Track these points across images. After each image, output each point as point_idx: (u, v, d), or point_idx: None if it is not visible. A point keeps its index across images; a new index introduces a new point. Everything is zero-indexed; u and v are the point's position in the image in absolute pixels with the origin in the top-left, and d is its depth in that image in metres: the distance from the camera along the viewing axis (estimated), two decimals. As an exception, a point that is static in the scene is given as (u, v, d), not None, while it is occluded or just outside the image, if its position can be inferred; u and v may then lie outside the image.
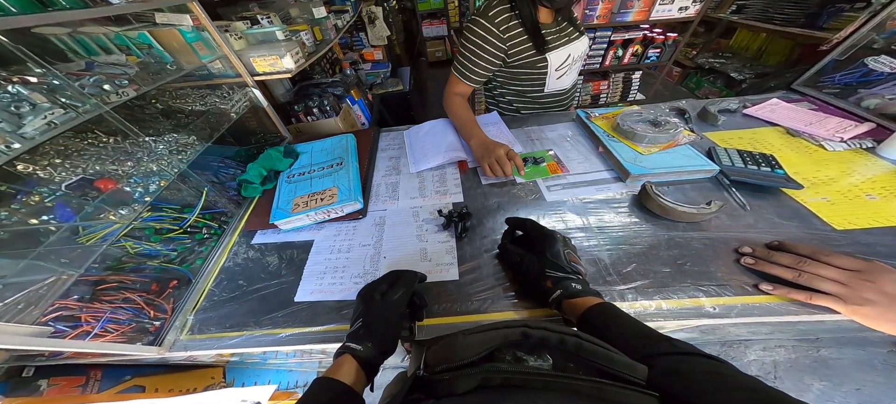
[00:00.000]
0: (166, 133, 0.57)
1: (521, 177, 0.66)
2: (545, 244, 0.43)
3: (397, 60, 2.50)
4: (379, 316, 0.38)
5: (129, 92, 0.51)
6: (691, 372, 0.25)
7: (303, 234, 0.61)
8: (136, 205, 0.48)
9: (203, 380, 0.72)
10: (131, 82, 0.52)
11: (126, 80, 0.51)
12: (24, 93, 0.42)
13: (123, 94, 0.50)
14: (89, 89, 0.47)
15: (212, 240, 0.59)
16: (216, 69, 0.78)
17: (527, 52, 0.73)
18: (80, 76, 0.48)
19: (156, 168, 0.51)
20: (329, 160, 0.72)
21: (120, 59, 0.56)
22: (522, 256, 0.45)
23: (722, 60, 2.23)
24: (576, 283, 0.39)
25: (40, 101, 0.42)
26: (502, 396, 0.21)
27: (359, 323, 0.37)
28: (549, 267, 0.41)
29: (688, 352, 0.27)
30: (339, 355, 0.35)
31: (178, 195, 0.56)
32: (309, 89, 1.25)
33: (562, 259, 0.41)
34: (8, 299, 0.37)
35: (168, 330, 0.48)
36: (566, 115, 0.86)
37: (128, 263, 0.51)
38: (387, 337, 0.37)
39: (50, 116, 0.42)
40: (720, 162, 0.60)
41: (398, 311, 0.39)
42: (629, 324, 0.33)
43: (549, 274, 0.40)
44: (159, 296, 0.50)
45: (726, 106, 0.78)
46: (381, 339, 0.36)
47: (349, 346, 0.35)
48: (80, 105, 0.45)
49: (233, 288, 0.53)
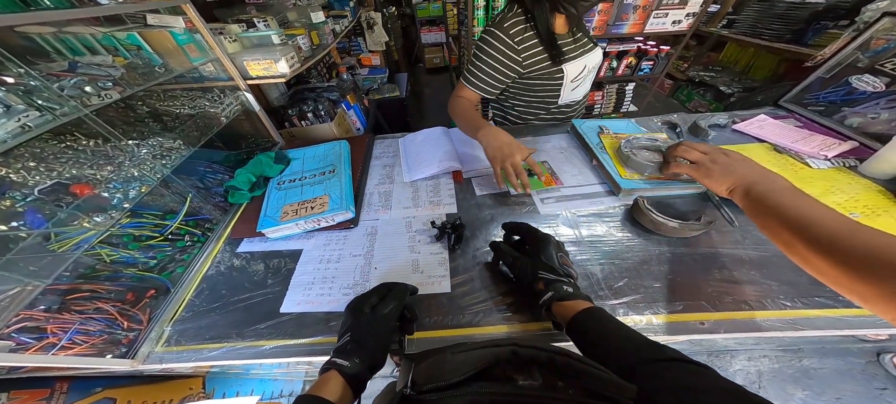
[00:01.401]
0: (151, 137, 0.55)
1: (527, 192, 0.62)
2: (539, 247, 0.43)
3: (395, 66, 2.51)
4: (368, 331, 0.37)
5: (112, 94, 0.49)
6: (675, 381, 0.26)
7: (291, 243, 0.59)
8: (114, 211, 0.46)
9: (180, 391, 0.69)
10: (116, 84, 0.51)
11: (110, 82, 0.50)
12: None
13: (106, 96, 0.48)
14: (69, 91, 0.45)
15: (194, 248, 0.57)
16: (208, 72, 0.76)
17: (542, 63, 0.72)
18: (61, 77, 0.47)
19: (137, 173, 0.49)
20: (321, 167, 0.71)
21: (106, 61, 0.54)
22: (516, 258, 0.45)
23: (712, 74, 2.30)
24: (567, 287, 0.39)
25: (15, 102, 0.40)
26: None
27: (347, 338, 0.36)
28: (542, 268, 0.41)
29: (673, 359, 0.28)
30: (324, 370, 0.34)
31: (160, 201, 0.55)
32: (304, 93, 1.24)
33: (555, 262, 0.42)
34: None
35: (142, 342, 0.46)
36: (561, 127, 0.87)
37: (103, 271, 0.48)
38: (376, 351, 0.37)
39: (24, 119, 0.40)
40: (710, 177, 0.61)
41: (388, 326, 0.38)
42: (616, 329, 0.34)
43: (541, 275, 0.41)
44: (135, 306, 0.48)
45: (716, 121, 0.80)
46: (370, 354, 0.36)
47: (335, 362, 0.34)
48: (58, 107, 0.43)
49: (215, 297, 0.52)
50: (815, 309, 0.43)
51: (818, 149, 0.66)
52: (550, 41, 0.69)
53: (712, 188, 0.46)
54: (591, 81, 0.85)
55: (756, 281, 0.46)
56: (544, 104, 0.83)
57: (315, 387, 0.33)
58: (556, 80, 0.76)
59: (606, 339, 0.33)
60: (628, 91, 2.10)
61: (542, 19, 0.67)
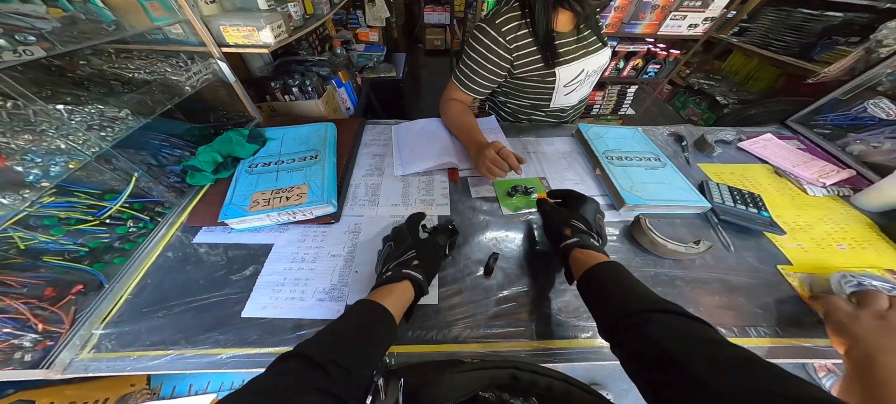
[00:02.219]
0: (90, 103, 0.45)
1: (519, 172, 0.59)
2: (581, 202, 0.46)
3: (393, 45, 2.35)
4: (432, 254, 0.42)
5: (34, 50, 0.38)
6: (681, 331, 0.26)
7: (260, 236, 0.52)
8: (29, 190, 0.37)
9: (118, 388, 0.58)
10: (43, 39, 0.40)
11: (33, 37, 0.39)
12: None
13: (25, 52, 0.38)
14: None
15: (139, 236, 0.49)
16: (175, 34, 0.64)
17: (535, 64, 0.66)
18: None
19: (64, 145, 0.40)
20: (303, 151, 0.63)
21: (37, 10, 0.42)
22: (554, 207, 0.48)
23: (711, 82, 2.31)
24: (594, 240, 0.41)
25: None
26: None
27: (412, 255, 0.40)
28: (576, 218, 0.43)
29: (682, 313, 0.28)
30: (392, 280, 0.37)
31: (98, 178, 0.45)
32: (291, 65, 1.11)
33: (591, 217, 0.44)
34: None
35: (62, 348, 0.38)
36: (565, 129, 0.82)
37: (15, 260, 0.40)
38: (432, 275, 0.41)
39: None
40: (712, 198, 0.59)
41: (441, 256, 0.44)
42: (632, 284, 0.33)
43: (573, 224, 0.43)
44: (56, 303, 0.40)
45: (723, 136, 0.78)
46: (427, 274, 0.39)
47: (411, 275, 0.37)
48: None
49: (161, 296, 0.44)
50: (790, 338, 0.42)
51: (817, 176, 0.65)
52: (546, 41, 0.63)
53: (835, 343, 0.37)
54: (591, 85, 0.79)
55: (741, 307, 0.45)
56: (535, 107, 0.79)
57: (387, 293, 0.35)
58: (547, 84, 0.70)
59: (613, 290, 0.33)
60: (629, 93, 2.08)
61: (541, 16, 0.60)
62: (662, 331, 0.26)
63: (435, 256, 0.42)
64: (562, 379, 0.27)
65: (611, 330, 0.31)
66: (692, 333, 0.26)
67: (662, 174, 0.63)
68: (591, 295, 0.35)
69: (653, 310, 0.28)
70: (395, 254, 0.41)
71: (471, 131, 0.67)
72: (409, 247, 0.41)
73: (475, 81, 0.68)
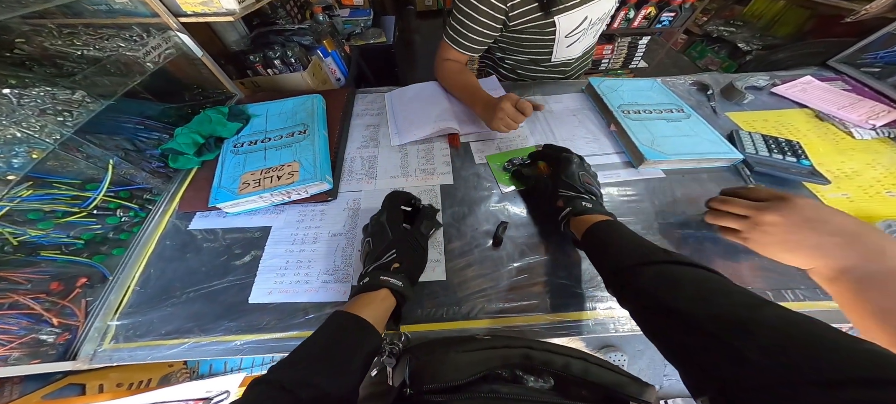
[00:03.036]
0: (36, 85, 0.40)
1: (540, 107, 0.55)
2: (561, 166, 0.43)
3: (381, 7, 2.15)
4: (412, 249, 0.38)
5: None
6: (682, 277, 0.26)
7: (256, 219, 0.50)
8: (-5, 183, 0.34)
9: (160, 369, 0.63)
10: None
11: None
12: None
13: None
14: None
15: (133, 226, 0.47)
16: (119, 4, 0.56)
17: (531, 14, 0.58)
18: None
19: (20, 134, 0.36)
20: (289, 127, 0.58)
21: None
22: (537, 178, 0.46)
23: (731, 29, 2.10)
24: (586, 202, 0.39)
25: None
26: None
27: (393, 256, 0.36)
28: (562, 187, 0.41)
29: (682, 262, 0.27)
30: (368, 289, 0.33)
31: (74, 167, 0.42)
32: (269, 36, 1.02)
33: (576, 179, 0.41)
34: None
35: (82, 340, 0.38)
36: (573, 85, 0.74)
37: (12, 256, 0.38)
38: (416, 272, 0.38)
39: None
40: (744, 148, 0.53)
41: (426, 247, 0.40)
42: (630, 237, 0.33)
43: (561, 194, 0.41)
44: (65, 297, 0.39)
45: (754, 82, 0.69)
46: (410, 273, 0.36)
47: (389, 282, 0.33)
48: None
49: (166, 285, 0.43)
50: (831, 302, 0.38)
51: (866, 118, 0.58)
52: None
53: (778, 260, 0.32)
54: (595, 35, 0.70)
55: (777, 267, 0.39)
56: (535, 62, 0.71)
57: (365, 303, 0.32)
58: (546, 35, 0.63)
59: (614, 244, 0.33)
60: (641, 45, 1.91)
61: None
62: (655, 283, 0.26)
63: (419, 252, 0.38)
64: (579, 356, 0.26)
65: (613, 287, 0.31)
66: (683, 277, 0.26)
67: (687, 126, 0.57)
68: (594, 256, 0.36)
69: (645, 263, 0.28)
70: (375, 252, 0.36)
71: (474, 90, 0.61)
72: (389, 246, 0.36)
73: (468, 38, 0.61)
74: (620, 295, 0.30)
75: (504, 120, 0.53)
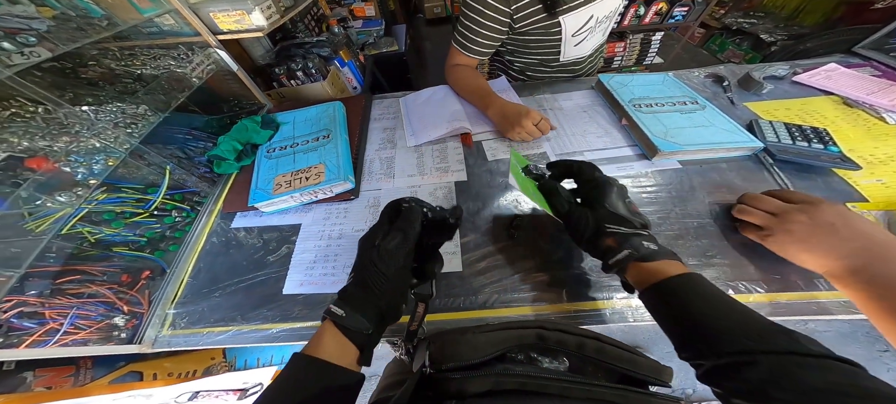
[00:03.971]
0: (109, 102, 0.47)
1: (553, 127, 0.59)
2: (601, 192, 0.34)
3: (392, 17, 2.24)
4: (374, 271, 0.28)
5: (39, 52, 0.40)
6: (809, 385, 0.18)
7: (288, 217, 0.54)
8: (81, 187, 0.40)
9: (203, 362, 0.69)
10: (43, 40, 0.41)
11: (33, 38, 0.40)
12: None
13: (32, 54, 0.39)
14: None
15: (185, 225, 0.53)
16: (168, 26, 0.64)
17: (536, 15, 0.60)
18: None
19: (99, 144, 0.42)
20: (314, 132, 0.63)
21: (27, 10, 0.43)
22: (571, 205, 0.35)
23: (752, 21, 2.01)
24: (648, 243, 0.30)
25: None
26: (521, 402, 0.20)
27: (350, 279, 0.30)
28: (609, 221, 0.32)
29: (811, 353, 0.20)
30: (321, 319, 0.28)
31: (137, 173, 0.49)
32: (291, 49, 1.10)
33: (623, 210, 0.33)
34: None
35: (147, 326, 0.43)
36: (583, 82, 0.75)
37: (90, 252, 0.45)
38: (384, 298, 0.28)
39: None
40: (764, 137, 0.52)
41: (396, 264, 0.29)
42: (728, 305, 0.25)
43: (610, 229, 0.32)
44: (132, 287, 0.45)
45: (773, 72, 0.68)
46: (375, 301, 0.28)
47: (329, 310, 0.27)
48: None
49: (213, 278, 0.48)
50: None
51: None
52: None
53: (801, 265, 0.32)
54: (604, 33, 0.71)
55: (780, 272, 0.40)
56: (544, 62, 0.72)
57: (311, 343, 0.27)
58: (552, 35, 0.64)
59: (706, 314, 0.24)
60: (654, 41, 1.87)
61: None
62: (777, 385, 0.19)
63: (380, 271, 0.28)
64: (593, 337, 0.25)
65: (704, 369, 0.24)
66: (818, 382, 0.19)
67: (702, 117, 0.57)
68: (667, 317, 0.28)
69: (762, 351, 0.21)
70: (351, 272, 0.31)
71: (485, 94, 0.64)
72: (352, 268, 0.31)
73: (476, 42, 0.64)
74: (713, 380, 0.23)
75: (521, 134, 0.56)
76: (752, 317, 0.24)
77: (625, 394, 0.20)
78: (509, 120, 0.58)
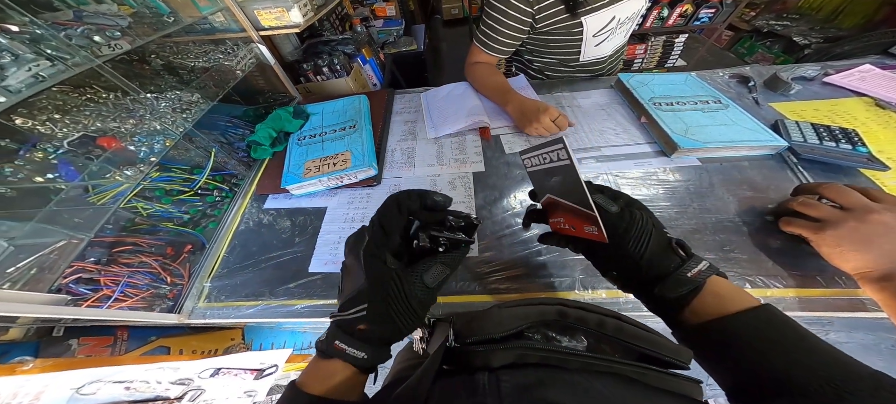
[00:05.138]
0: (169, 90, 0.53)
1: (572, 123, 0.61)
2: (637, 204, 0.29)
3: (411, 17, 2.29)
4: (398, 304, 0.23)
5: (122, 45, 0.46)
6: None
7: (315, 200, 0.58)
8: (142, 164, 0.45)
9: (224, 341, 0.72)
10: (124, 34, 0.48)
11: (118, 32, 0.47)
12: (4, 42, 0.38)
13: (116, 46, 0.45)
14: (77, 40, 0.43)
15: (223, 204, 0.58)
16: (219, 23, 0.71)
17: (558, 15, 0.61)
18: (68, 26, 0.44)
19: (159, 127, 0.48)
20: (341, 122, 0.67)
21: (111, 9, 0.50)
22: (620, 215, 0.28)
23: (786, 23, 1.93)
24: (706, 261, 0.24)
25: (22, 51, 0.39)
26: (551, 376, 0.20)
27: (361, 313, 0.23)
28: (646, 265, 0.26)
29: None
30: (321, 353, 0.24)
31: (186, 155, 0.54)
32: (318, 47, 1.16)
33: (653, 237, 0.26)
34: (21, 263, 0.35)
35: (186, 297, 0.47)
36: (602, 81, 0.76)
37: (141, 225, 0.50)
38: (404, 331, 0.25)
39: (35, 68, 0.38)
40: (789, 137, 0.52)
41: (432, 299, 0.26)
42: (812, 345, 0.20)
43: (672, 237, 0.27)
44: (175, 260, 0.50)
45: (802, 73, 0.66)
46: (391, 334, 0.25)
47: (346, 353, 0.23)
48: (69, 57, 0.41)
49: (246, 254, 0.52)
50: None
51: (938, 103, 0.53)
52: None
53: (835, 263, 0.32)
54: (625, 34, 0.71)
55: None
56: (563, 62, 0.73)
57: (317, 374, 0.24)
58: (574, 35, 0.65)
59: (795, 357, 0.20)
60: (677, 44, 1.83)
61: None
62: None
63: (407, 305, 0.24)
64: (613, 315, 0.25)
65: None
66: None
67: (724, 115, 0.57)
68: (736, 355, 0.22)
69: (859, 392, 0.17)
70: (343, 294, 0.26)
71: (505, 91, 0.65)
72: (358, 296, 0.24)
73: (497, 41, 0.66)
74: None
75: (538, 130, 0.58)
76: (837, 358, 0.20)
77: (644, 372, 0.20)
78: (527, 115, 0.60)
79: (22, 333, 0.44)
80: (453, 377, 0.22)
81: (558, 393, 0.18)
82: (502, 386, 0.19)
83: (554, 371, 0.20)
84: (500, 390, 0.19)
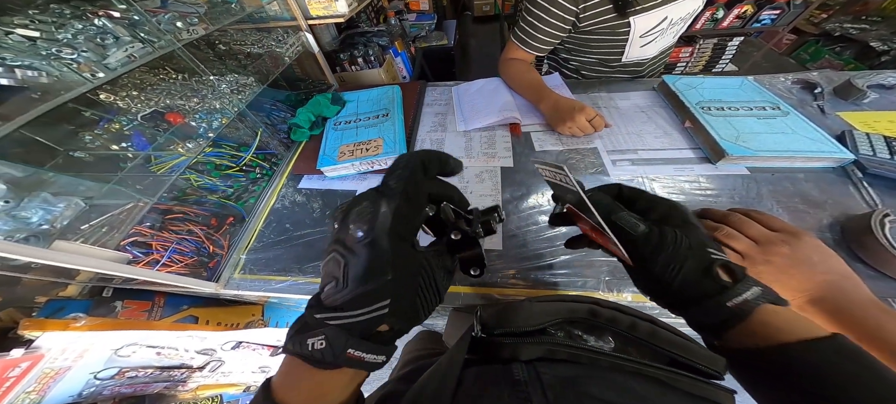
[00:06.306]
0: (228, 73, 0.58)
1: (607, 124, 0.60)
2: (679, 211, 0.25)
3: (443, 12, 2.30)
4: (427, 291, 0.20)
5: (198, 30, 0.52)
6: None
7: (346, 183, 0.61)
8: (201, 139, 0.50)
9: (245, 317, 0.74)
10: (201, 21, 0.53)
11: (196, 19, 0.52)
12: (109, 26, 0.43)
13: (194, 31, 0.51)
14: (165, 25, 0.48)
15: (263, 181, 0.62)
16: (273, 11, 0.77)
17: (605, 15, 0.58)
18: (155, 13, 0.49)
19: (218, 106, 0.53)
20: (375, 110, 0.70)
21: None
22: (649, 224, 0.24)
23: (863, 26, 1.71)
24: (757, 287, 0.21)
25: (123, 34, 0.44)
26: (587, 372, 0.19)
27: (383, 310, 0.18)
28: (711, 245, 0.23)
29: None
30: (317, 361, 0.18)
31: (235, 133, 0.59)
32: (354, 38, 1.20)
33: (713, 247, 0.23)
34: (94, 221, 0.40)
35: (224, 267, 0.49)
36: (643, 83, 0.72)
37: (191, 195, 0.55)
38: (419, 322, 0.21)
39: (130, 50, 0.44)
40: (857, 149, 0.47)
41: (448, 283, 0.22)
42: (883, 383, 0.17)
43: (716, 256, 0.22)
44: (217, 231, 0.53)
45: (880, 81, 0.59)
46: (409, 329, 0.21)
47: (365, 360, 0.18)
48: (156, 40, 0.46)
49: (280, 230, 0.55)
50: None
51: None
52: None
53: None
54: (674, 36, 0.66)
55: None
56: (603, 62, 0.70)
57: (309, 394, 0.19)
58: (619, 35, 0.61)
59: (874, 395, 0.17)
60: (730, 47, 1.67)
61: None
62: None
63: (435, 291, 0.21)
64: (647, 318, 0.24)
65: None
66: None
67: (783, 123, 0.52)
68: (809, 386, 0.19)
69: None
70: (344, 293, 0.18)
71: (539, 88, 0.64)
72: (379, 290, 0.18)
73: (537, 38, 0.64)
74: None
75: (572, 129, 0.56)
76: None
77: (675, 376, 0.19)
78: (562, 114, 0.58)
79: (78, 290, 0.50)
80: (482, 366, 0.21)
81: (600, 389, 0.18)
82: (543, 377, 0.18)
83: (588, 367, 0.20)
84: (541, 382, 0.18)
